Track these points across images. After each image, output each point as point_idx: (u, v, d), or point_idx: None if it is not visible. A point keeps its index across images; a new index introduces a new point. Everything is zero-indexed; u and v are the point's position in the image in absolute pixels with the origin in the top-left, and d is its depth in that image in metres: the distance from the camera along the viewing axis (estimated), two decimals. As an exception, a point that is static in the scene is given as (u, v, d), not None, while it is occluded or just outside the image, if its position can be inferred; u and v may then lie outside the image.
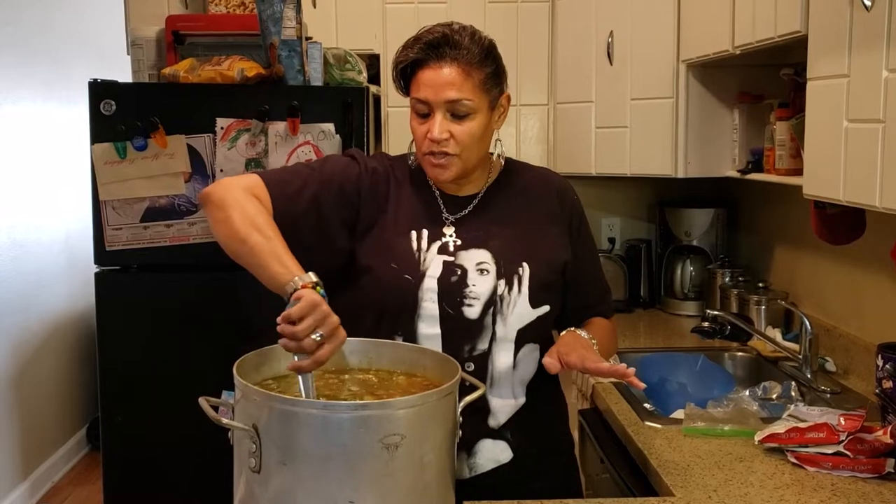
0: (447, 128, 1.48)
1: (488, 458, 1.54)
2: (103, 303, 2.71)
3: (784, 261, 2.85)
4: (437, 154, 1.49)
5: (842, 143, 1.68)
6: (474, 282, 1.51)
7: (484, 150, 1.56)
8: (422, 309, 1.50)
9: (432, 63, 1.47)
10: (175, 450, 2.73)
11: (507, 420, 1.54)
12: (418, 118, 1.51)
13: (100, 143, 2.64)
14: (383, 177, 1.59)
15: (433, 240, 1.54)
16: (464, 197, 1.60)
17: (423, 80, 1.48)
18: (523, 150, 3.25)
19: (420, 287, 1.50)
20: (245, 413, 1.21)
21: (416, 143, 1.54)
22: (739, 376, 2.52)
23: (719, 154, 2.80)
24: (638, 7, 2.88)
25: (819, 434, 1.65)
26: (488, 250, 1.54)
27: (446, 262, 1.52)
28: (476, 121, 1.49)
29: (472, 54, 1.47)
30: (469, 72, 1.47)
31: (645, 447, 1.80)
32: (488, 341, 1.52)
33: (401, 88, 1.55)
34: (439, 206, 1.58)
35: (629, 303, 3.26)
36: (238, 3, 3.08)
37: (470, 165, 1.54)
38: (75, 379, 4.47)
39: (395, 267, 1.51)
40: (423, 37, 1.49)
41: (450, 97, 1.46)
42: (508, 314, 1.52)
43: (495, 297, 1.51)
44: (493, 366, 1.52)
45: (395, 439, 1.16)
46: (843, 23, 1.65)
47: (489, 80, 1.50)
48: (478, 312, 1.51)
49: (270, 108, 2.62)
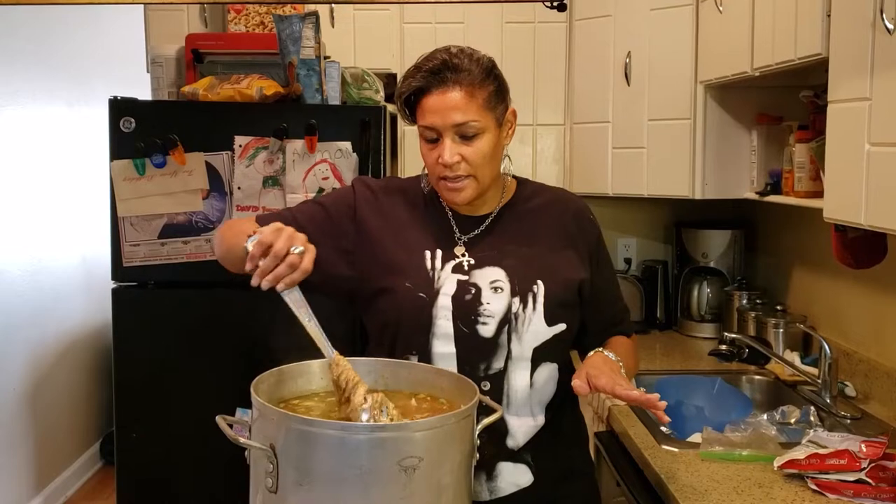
0: (457, 150, 1.48)
1: (509, 482, 1.52)
2: (120, 319, 2.72)
3: (802, 283, 2.82)
4: (450, 178, 1.50)
5: (863, 167, 1.67)
6: (488, 300, 1.51)
7: (497, 167, 1.56)
8: (436, 327, 1.49)
9: (435, 89, 1.47)
10: (189, 467, 2.72)
11: (526, 441, 1.53)
12: (428, 144, 1.51)
13: (119, 159, 2.65)
14: (388, 197, 1.60)
15: (447, 259, 1.54)
16: (477, 217, 1.60)
17: (428, 107, 1.48)
18: (539, 169, 3.25)
19: (434, 305, 1.50)
20: (262, 432, 1.21)
21: (429, 169, 1.55)
22: (757, 400, 2.49)
23: (737, 175, 2.78)
24: (656, 28, 2.88)
25: (840, 461, 1.62)
26: (502, 268, 1.53)
27: (460, 281, 1.52)
28: (485, 140, 1.49)
29: (474, 75, 1.47)
30: (472, 92, 1.47)
31: (662, 471, 1.78)
32: (504, 360, 1.51)
33: (407, 118, 1.55)
34: (452, 227, 1.58)
35: (645, 324, 3.24)
36: (257, 23, 3.10)
37: (485, 184, 1.54)
38: (90, 394, 4.48)
39: (410, 286, 1.51)
40: (424, 65, 1.49)
41: (456, 120, 1.47)
42: (524, 332, 1.51)
43: (510, 315, 1.50)
44: (509, 385, 1.51)
45: (413, 462, 1.15)
46: (864, 45, 1.64)
47: (493, 98, 1.50)
48: (492, 331, 1.50)
49: (288, 126, 2.63)
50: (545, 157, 3.26)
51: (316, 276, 1.48)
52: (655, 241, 3.46)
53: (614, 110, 3.04)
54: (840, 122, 1.79)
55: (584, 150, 3.18)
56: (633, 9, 2.94)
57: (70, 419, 4.26)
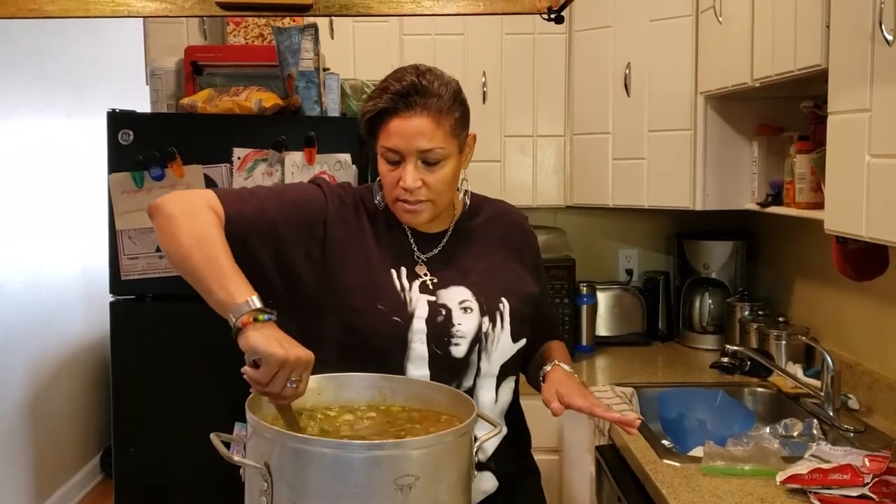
0: (419, 176, 1.46)
1: (477, 491, 1.49)
2: (118, 332, 2.70)
3: (804, 295, 2.81)
4: (409, 202, 1.49)
5: (864, 179, 1.66)
6: (459, 321, 1.51)
7: (454, 190, 1.56)
8: (411, 351, 1.49)
9: (402, 112, 1.44)
10: (188, 481, 2.70)
11: (492, 451, 1.54)
12: (388, 164, 1.49)
13: (117, 172, 2.64)
14: (352, 207, 1.57)
15: (412, 278, 1.53)
16: (434, 234, 1.59)
17: (393, 130, 1.45)
18: (539, 180, 3.24)
19: (409, 329, 1.48)
20: (257, 450, 1.20)
21: (386, 189, 1.52)
22: (759, 413, 2.47)
23: (738, 186, 2.77)
24: (656, 39, 2.88)
25: (843, 476, 1.61)
26: (467, 287, 1.54)
27: (430, 302, 1.51)
28: (448, 166, 1.49)
29: (442, 101, 1.46)
30: (439, 120, 1.45)
31: (663, 486, 1.76)
32: (473, 378, 1.52)
33: (368, 136, 1.52)
34: (411, 244, 1.57)
35: (647, 336, 3.23)
36: (256, 35, 3.10)
37: (441, 208, 1.54)
38: (89, 406, 4.46)
39: (383, 308, 1.49)
40: (391, 86, 1.46)
41: (421, 146, 1.45)
42: (492, 350, 1.53)
43: (480, 334, 1.52)
44: (477, 401, 1.49)
45: (410, 480, 1.13)
46: (863, 57, 1.63)
47: (458, 125, 1.49)
48: (464, 351, 1.51)
49: (287, 138, 2.62)
50: (545, 169, 3.25)
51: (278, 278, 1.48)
52: (656, 252, 3.45)
53: (614, 121, 3.03)
54: (840, 133, 1.78)
55: (584, 161, 3.17)
56: (633, 20, 2.94)
57: (70, 432, 4.24)
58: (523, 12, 1.50)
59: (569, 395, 1.44)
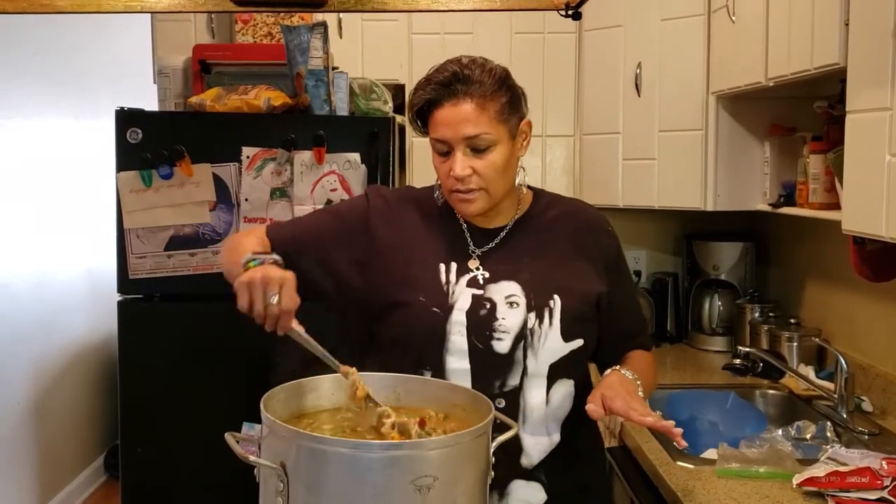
0: (469, 163, 1.46)
1: (521, 501, 1.49)
2: (125, 331, 2.69)
3: (816, 297, 2.79)
4: (462, 191, 1.48)
5: (884, 178, 1.64)
6: (504, 315, 1.47)
7: (510, 179, 1.53)
8: (450, 343, 1.46)
9: (446, 101, 1.45)
10: (195, 482, 2.69)
11: (541, 460, 1.50)
12: (440, 157, 1.50)
13: (125, 171, 2.63)
14: (401, 208, 1.58)
15: (462, 273, 1.51)
16: (492, 229, 1.57)
17: (440, 120, 1.46)
18: (549, 180, 3.22)
19: (448, 320, 1.47)
20: (272, 450, 1.18)
21: (441, 181, 1.53)
22: (771, 415, 2.45)
23: (749, 187, 2.76)
24: (667, 38, 2.86)
25: (861, 479, 1.59)
26: (518, 283, 1.50)
27: (475, 296, 1.49)
28: (497, 152, 1.47)
29: (485, 86, 1.45)
30: (484, 105, 1.45)
31: (678, 488, 1.74)
32: (519, 377, 1.47)
33: (419, 130, 1.53)
34: (466, 240, 1.56)
35: (656, 337, 3.20)
36: (265, 34, 3.08)
37: (497, 197, 1.51)
38: (94, 406, 4.45)
39: (424, 300, 1.48)
40: (434, 76, 1.48)
41: (467, 133, 1.44)
42: (539, 348, 1.47)
43: (525, 330, 1.47)
44: (524, 402, 1.47)
45: (428, 481, 1.11)
46: (884, 55, 1.61)
47: (506, 110, 1.48)
48: (507, 347, 1.47)
49: (296, 137, 2.61)
50: (555, 169, 3.23)
51: (329, 285, 1.53)
52: (665, 253, 3.43)
53: (625, 121, 3.02)
54: (859, 132, 1.76)
55: (594, 162, 3.15)
56: (644, 19, 2.92)
57: (74, 432, 4.22)
58: (540, 8, 1.48)
59: (611, 399, 1.38)
